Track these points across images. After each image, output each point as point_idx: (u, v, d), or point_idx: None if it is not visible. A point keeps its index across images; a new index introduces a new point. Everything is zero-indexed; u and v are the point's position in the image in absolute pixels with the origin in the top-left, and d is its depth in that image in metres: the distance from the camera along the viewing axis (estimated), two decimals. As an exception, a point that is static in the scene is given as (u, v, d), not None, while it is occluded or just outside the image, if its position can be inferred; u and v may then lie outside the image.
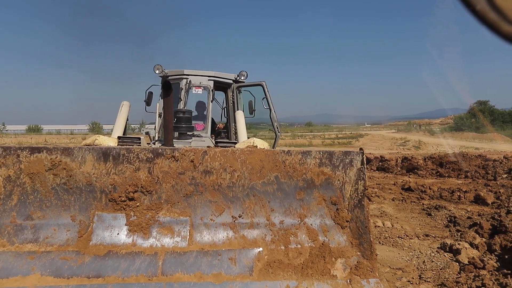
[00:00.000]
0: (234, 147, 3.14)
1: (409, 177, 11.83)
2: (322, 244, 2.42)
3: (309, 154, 2.59)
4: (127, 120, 4.95)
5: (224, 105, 5.79)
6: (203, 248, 2.32)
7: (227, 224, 2.46)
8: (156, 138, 4.82)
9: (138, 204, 2.40)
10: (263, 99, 5.08)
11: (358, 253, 2.43)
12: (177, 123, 4.41)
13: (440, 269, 4.30)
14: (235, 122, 5.05)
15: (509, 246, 4.45)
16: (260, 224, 2.49)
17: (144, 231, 2.35)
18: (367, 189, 2.58)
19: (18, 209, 2.32)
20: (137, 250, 2.27)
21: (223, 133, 5.70)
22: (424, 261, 4.59)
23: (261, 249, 2.34)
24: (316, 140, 38.04)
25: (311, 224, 2.54)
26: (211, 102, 5.11)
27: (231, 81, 5.35)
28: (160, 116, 4.81)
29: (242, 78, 5.20)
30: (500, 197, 7.59)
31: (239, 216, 2.50)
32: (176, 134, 4.35)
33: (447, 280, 3.91)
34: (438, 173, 11.91)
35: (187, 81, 4.94)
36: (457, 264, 4.40)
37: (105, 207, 2.39)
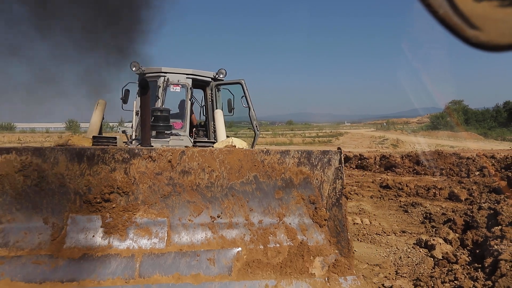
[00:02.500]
0: (213, 146, 3.10)
1: (387, 175, 12.11)
2: (301, 243, 2.42)
3: (287, 154, 2.57)
4: (103, 119, 4.87)
5: (203, 103, 5.75)
6: (182, 249, 2.26)
7: (205, 225, 2.42)
8: (133, 137, 4.72)
9: (114, 206, 2.33)
10: (242, 97, 5.07)
11: (336, 251, 2.47)
12: (154, 122, 4.31)
13: (416, 265, 4.42)
14: (213, 121, 5.01)
15: (480, 241, 4.62)
16: (239, 224, 2.46)
17: (121, 233, 2.28)
18: (345, 188, 2.67)
19: None
20: (113, 252, 2.21)
21: (202, 131, 5.64)
22: (400, 257, 4.71)
23: (240, 249, 2.31)
24: (297, 138, 38.33)
25: (289, 223, 2.53)
26: (190, 100, 5.09)
27: (210, 79, 5.32)
28: (137, 114, 4.75)
29: (221, 76, 5.15)
30: (473, 194, 7.87)
31: (218, 216, 2.46)
32: (153, 133, 4.30)
33: (422, 275, 4.03)
34: (414, 171, 12.24)
35: (164, 79, 4.89)
36: (432, 259, 4.54)
37: (80, 209, 2.32)
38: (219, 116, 4.83)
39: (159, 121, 4.39)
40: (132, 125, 4.90)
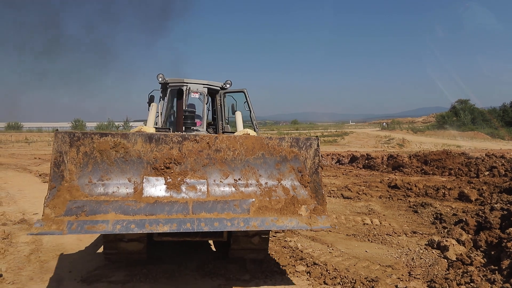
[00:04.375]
0: (234, 134, 4.18)
1: (395, 174, 12.02)
2: (292, 197, 3.63)
3: (283, 139, 3.81)
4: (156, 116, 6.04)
5: (213, 107, 6.83)
6: (217, 199, 3.47)
7: (231, 184, 3.62)
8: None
9: (172, 171, 3.48)
10: (244, 102, 6.21)
11: (315, 202, 3.66)
12: (184, 120, 5.51)
13: (429, 266, 4.36)
14: (234, 119, 6.24)
15: (495, 242, 4.55)
16: (252, 184, 3.67)
17: (177, 189, 3.43)
18: (321, 162, 3.86)
19: (92, 174, 3.32)
20: (173, 200, 3.36)
21: (212, 128, 6.61)
22: (413, 258, 4.65)
23: (253, 199, 3.52)
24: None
25: (285, 185, 3.74)
26: (206, 104, 6.24)
27: (219, 88, 6.42)
28: (161, 114, 5.94)
29: (228, 86, 6.36)
30: (483, 194, 7.78)
31: (239, 179, 3.66)
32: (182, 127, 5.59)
33: (436, 276, 3.97)
34: (423, 171, 12.14)
35: (187, 87, 5.99)
36: (445, 260, 4.48)
37: (150, 173, 3.44)
38: (239, 115, 6.10)
39: (187, 119, 5.58)
40: (156, 122, 5.91)
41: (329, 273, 4.13)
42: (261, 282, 3.99)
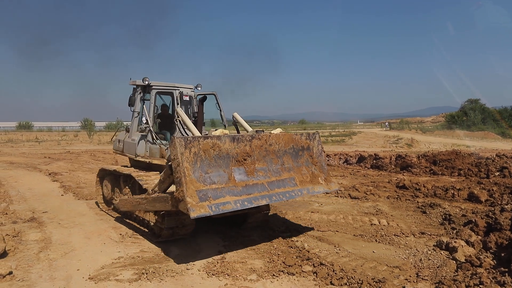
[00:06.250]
0: (271, 132, 5.46)
1: (403, 175, 11.90)
2: (312, 172, 5.55)
3: (302, 135, 5.67)
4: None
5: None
6: (277, 178, 5.00)
7: (280, 168, 5.15)
8: (152, 131, 6.57)
9: (248, 162, 4.74)
10: (216, 103, 7.22)
11: (323, 174, 5.68)
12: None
13: (437, 267, 4.31)
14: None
15: (505, 244, 4.48)
16: (290, 166, 5.30)
17: (253, 174, 4.74)
18: (323, 148, 5.90)
19: (201, 168, 4.26)
20: (255, 182, 4.68)
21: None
22: (421, 259, 4.60)
23: (295, 177, 5.23)
24: (309, 137, 37.96)
25: (306, 165, 5.57)
26: (196, 105, 7.18)
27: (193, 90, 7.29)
28: (149, 116, 6.59)
29: (199, 88, 7.29)
30: (493, 195, 7.65)
31: (283, 164, 5.21)
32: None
33: (444, 278, 3.93)
34: (431, 171, 11.99)
35: (180, 91, 6.83)
36: (454, 262, 4.42)
37: (235, 164, 4.61)
38: (238, 115, 6.73)
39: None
40: (145, 121, 6.50)
41: (335, 273, 4.10)
42: (267, 282, 3.99)
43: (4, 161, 16.90)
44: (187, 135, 6.16)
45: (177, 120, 6.01)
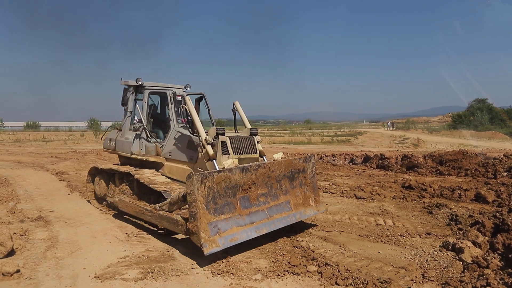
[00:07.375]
0: (273, 158, 5.91)
1: (409, 175, 11.81)
2: (304, 193, 5.88)
3: (299, 158, 5.94)
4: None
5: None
6: (275, 203, 5.32)
7: (278, 191, 5.45)
8: (147, 130, 6.86)
9: (252, 190, 5.00)
10: (204, 103, 7.36)
11: (313, 195, 6.02)
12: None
13: (444, 268, 4.28)
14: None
15: (513, 245, 4.43)
16: (287, 189, 5.62)
17: (256, 201, 5.03)
18: (316, 170, 6.22)
19: (212, 200, 4.50)
20: (257, 209, 5.01)
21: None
22: (427, 260, 4.57)
23: (290, 199, 5.58)
24: (315, 137, 37.92)
25: (300, 186, 5.88)
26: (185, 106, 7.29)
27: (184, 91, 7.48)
28: (142, 115, 6.93)
29: (188, 89, 7.45)
30: (501, 196, 7.57)
31: (281, 187, 5.50)
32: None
33: (451, 279, 3.89)
34: (438, 171, 11.89)
35: (173, 91, 6.94)
36: (461, 263, 4.38)
37: (241, 193, 4.87)
38: (238, 104, 6.87)
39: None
40: (138, 120, 6.78)
41: (341, 273, 4.09)
42: (272, 282, 3.99)
43: (12, 160, 17.09)
44: (186, 130, 6.51)
45: (183, 107, 6.23)
